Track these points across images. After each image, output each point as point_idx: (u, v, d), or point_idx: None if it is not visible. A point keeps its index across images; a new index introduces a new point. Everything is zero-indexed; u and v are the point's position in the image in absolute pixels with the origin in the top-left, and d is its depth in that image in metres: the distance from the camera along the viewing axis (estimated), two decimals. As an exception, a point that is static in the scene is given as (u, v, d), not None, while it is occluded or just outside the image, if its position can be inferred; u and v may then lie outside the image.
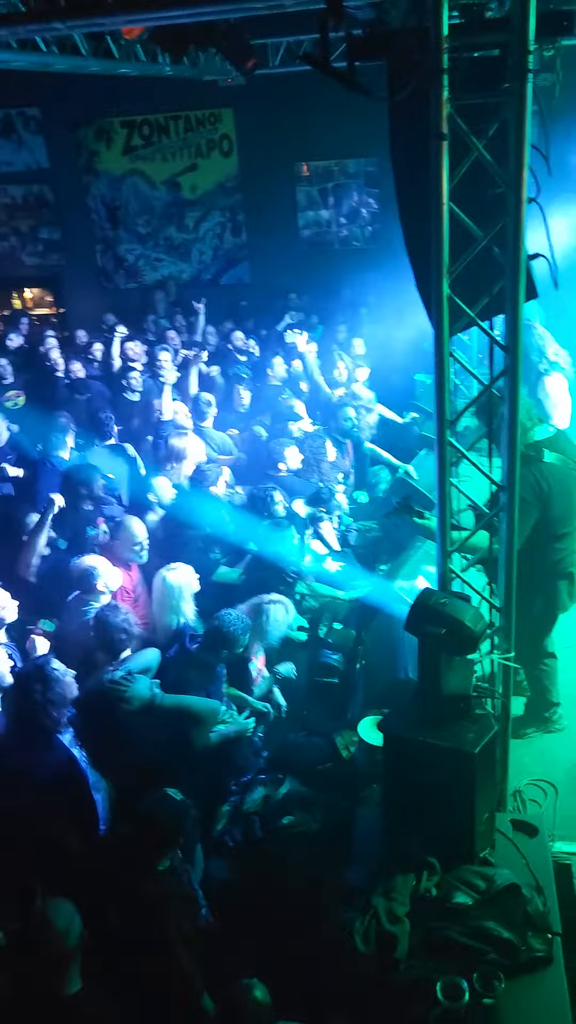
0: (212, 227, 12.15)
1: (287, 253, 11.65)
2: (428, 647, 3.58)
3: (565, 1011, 3.22)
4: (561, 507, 4.43)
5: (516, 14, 3.01)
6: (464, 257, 3.39)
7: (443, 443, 3.68)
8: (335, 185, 11.35)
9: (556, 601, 4.70)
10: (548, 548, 4.47)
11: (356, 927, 3.31)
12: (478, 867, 3.58)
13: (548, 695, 4.99)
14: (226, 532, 5.75)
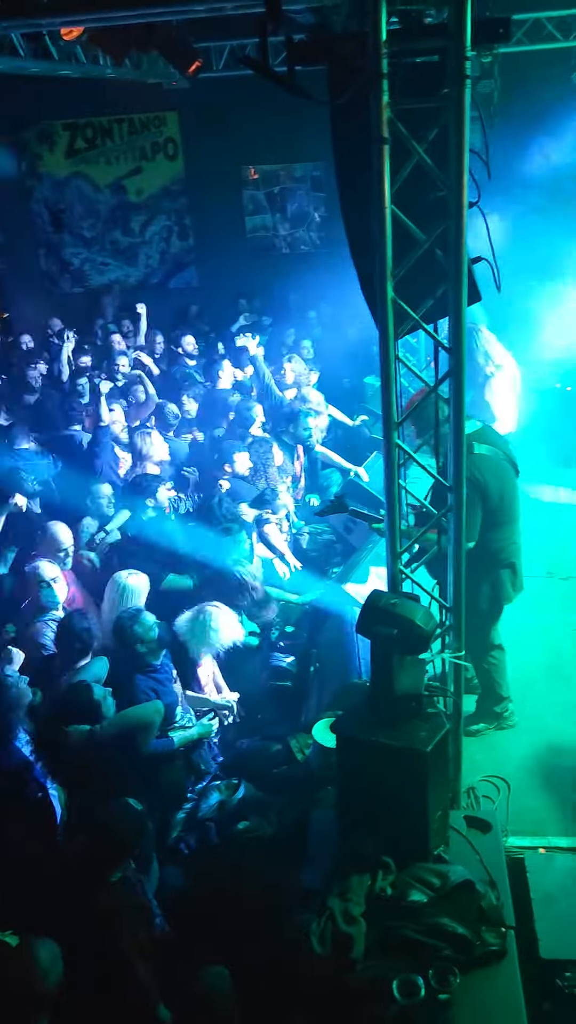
0: (158, 231, 12.09)
1: (235, 257, 11.65)
2: (380, 648, 3.60)
3: (519, 1003, 3.26)
4: (497, 497, 4.50)
5: (453, 20, 3.05)
6: (407, 260, 3.43)
7: (390, 445, 3.71)
8: (281, 189, 11.40)
9: (501, 592, 4.76)
10: (488, 538, 4.53)
11: (312, 929, 3.31)
12: (432, 865, 3.61)
13: (498, 689, 5.04)
14: (173, 542, 5.70)
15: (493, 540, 4.58)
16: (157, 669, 4.48)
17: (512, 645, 5.81)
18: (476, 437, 4.52)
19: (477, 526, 4.41)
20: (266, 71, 3.01)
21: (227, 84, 9.31)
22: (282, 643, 5.39)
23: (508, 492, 4.60)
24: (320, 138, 3.56)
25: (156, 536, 5.58)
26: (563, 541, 7.09)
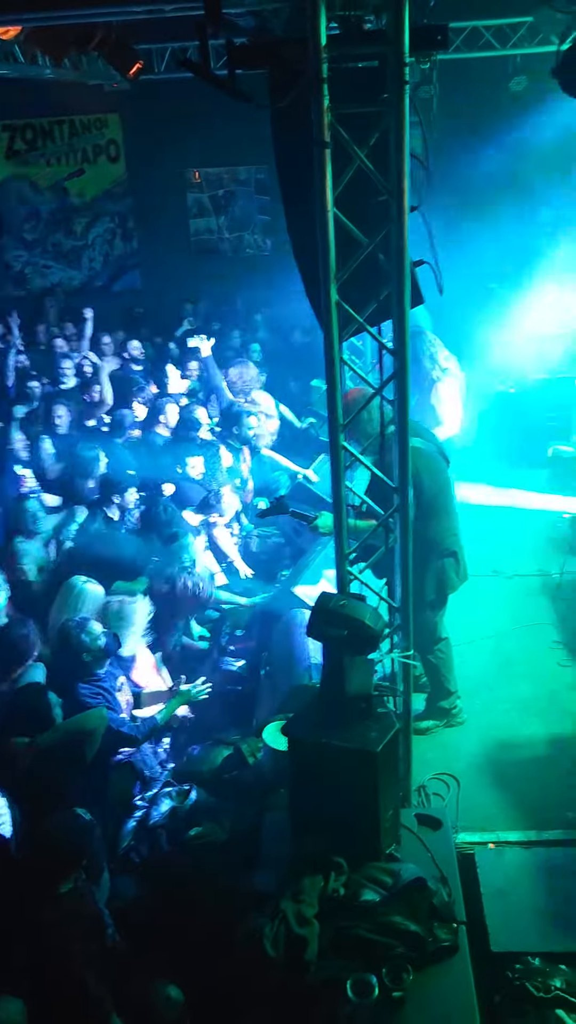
0: (102, 233, 11.97)
1: (180, 260, 11.60)
2: (332, 649, 3.62)
3: (471, 996, 3.30)
4: (431, 488, 4.56)
5: (392, 27, 3.09)
6: (351, 263, 3.45)
7: (336, 447, 3.73)
8: (226, 192, 11.39)
9: (446, 581, 4.81)
10: (427, 529, 4.58)
11: (266, 932, 3.30)
12: (384, 864, 3.63)
13: (445, 683, 5.08)
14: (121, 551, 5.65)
15: (431, 530, 4.64)
16: (101, 677, 4.44)
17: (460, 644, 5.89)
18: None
19: (411, 518, 4.47)
20: (206, 74, 3.01)
21: (169, 86, 9.26)
22: (232, 647, 5.38)
23: (441, 483, 4.68)
24: (264, 141, 3.57)
25: (105, 546, 5.53)
26: (508, 541, 7.22)
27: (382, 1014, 3.17)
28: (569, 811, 4.49)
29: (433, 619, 4.90)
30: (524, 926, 3.80)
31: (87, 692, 4.34)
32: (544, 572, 6.73)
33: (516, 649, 5.87)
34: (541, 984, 3.50)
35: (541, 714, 5.25)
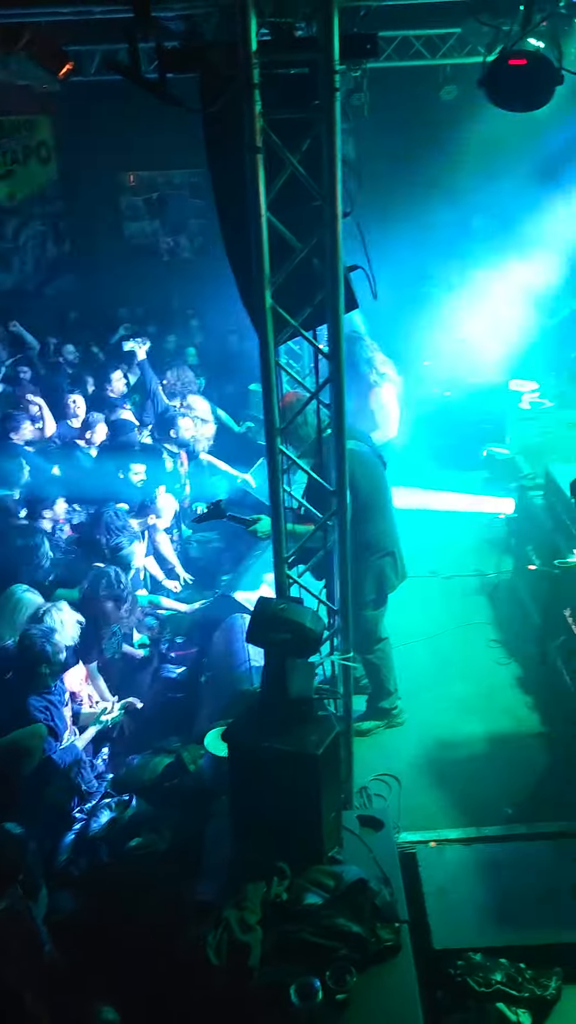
0: (33, 236, 11.75)
1: (114, 263, 11.48)
2: (273, 654, 3.61)
3: (414, 995, 3.33)
4: (367, 489, 4.61)
5: (322, 34, 3.11)
6: (285, 268, 3.46)
7: (273, 451, 3.74)
8: (160, 195, 11.32)
9: (385, 581, 4.86)
10: (363, 530, 4.62)
11: (208, 941, 3.28)
12: (327, 867, 3.64)
13: (386, 683, 5.13)
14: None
15: (368, 531, 4.69)
16: (52, 691, 4.36)
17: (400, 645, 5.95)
18: None
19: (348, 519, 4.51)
20: (136, 77, 2.98)
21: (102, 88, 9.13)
22: (172, 654, 5.34)
23: (377, 484, 4.73)
24: (198, 145, 3.56)
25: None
26: (445, 542, 7.33)
27: (326, 1017, 3.17)
28: (507, 806, 4.58)
29: (373, 619, 4.93)
30: (465, 922, 3.86)
31: (37, 706, 4.26)
32: (481, 572, 6.85)
33: (454, 649, 5.97)
34: (482, 979, 3.55)
35: (479, 712, 5.35)
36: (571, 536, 5.25)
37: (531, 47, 4.28)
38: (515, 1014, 3.48)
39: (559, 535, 5.54)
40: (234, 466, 7.51)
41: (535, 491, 6.23)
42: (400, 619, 6.27)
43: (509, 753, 5.01)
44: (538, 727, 5.21)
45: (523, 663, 5.76)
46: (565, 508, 5.40)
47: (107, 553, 5.38)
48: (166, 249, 11.62)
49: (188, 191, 11.20)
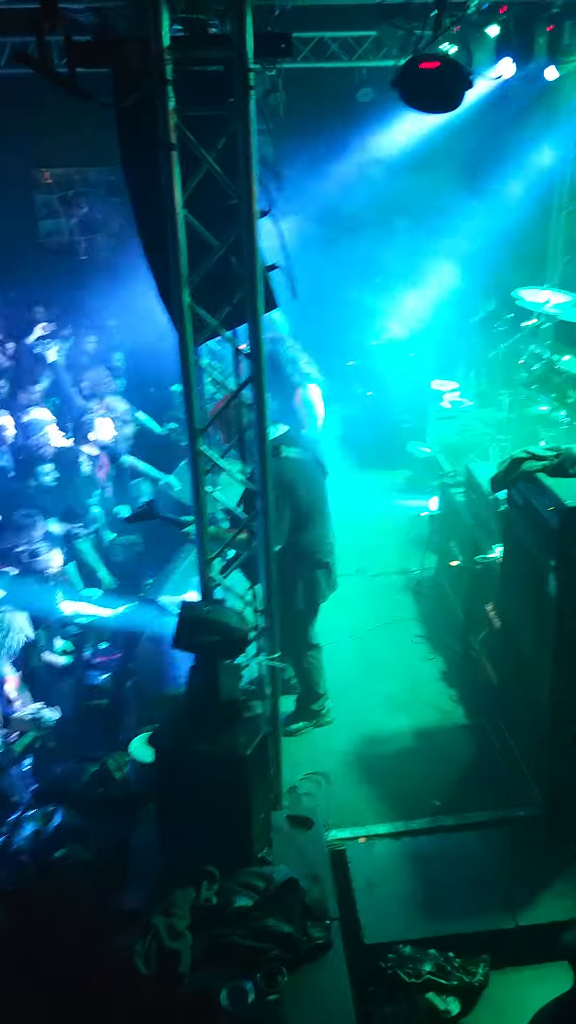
0: None
1: (28, 262, 11.18)
2: (203, 656, 3.57)
3: (346, 990, 3.35)
4: (306, 499, 4.61)
5: (235, 32, 3.10)
6: (203, 267, 3.44)
7: (195, 452, 3.71)
8: (76, 193, 11.09)
9: (316, 592, 4.87)
10: (300, 540, 4.63)
11: (137, 950, 3.23)
12: (257, 868, 3.63)
13: (316, 687, 5.16)
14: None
15: (305, 541, 4.69)
16: None
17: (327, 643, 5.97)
18: (283, 440, 4.62)
19: (286, 528, 4.49)
20: (46, 71, 2.91)
21: (13, 82, 8.93)
22: (96, 660, 5.23)
23: (317, 494, 4.72)
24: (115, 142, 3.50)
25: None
26: (371, 541, 7.40)
27: (259, 1019, 3.16)
28: (435, 799, 4.65)
29: (304, 628, 4.95)
30: (395, 916, 3.90)
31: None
32: (405, 570, 6.94)
33: (381, 646, 6.03)
34: (412, 970, 3.59)
35: (406, 708, 5.41)
36: (491, 532, 5.36)
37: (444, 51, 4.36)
38: (445, 1002, 3.54)
39: (480, 531, 5.65)
40: (157, 468, 7.43)
41: (456, 488, 6.34)
42: (327, 618, 6.29)
43: (436, 746, 5.08)
44: (463, 720, 5.31)
45: (447, 658, 5.86)
46: (485, 505, 5.51)
47: (24, 559, 5.24)
48: (83, 248, 11.38)
49: (105, 189, 11.00)
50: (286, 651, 4.69)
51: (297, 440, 4.73)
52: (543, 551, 4.17)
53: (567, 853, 4.21)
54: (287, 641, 4.61)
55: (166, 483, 7.10)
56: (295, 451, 4.64)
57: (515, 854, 4.23)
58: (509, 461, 4.54)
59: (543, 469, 4.28)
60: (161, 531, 6.44)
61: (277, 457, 4.56)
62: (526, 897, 3.98)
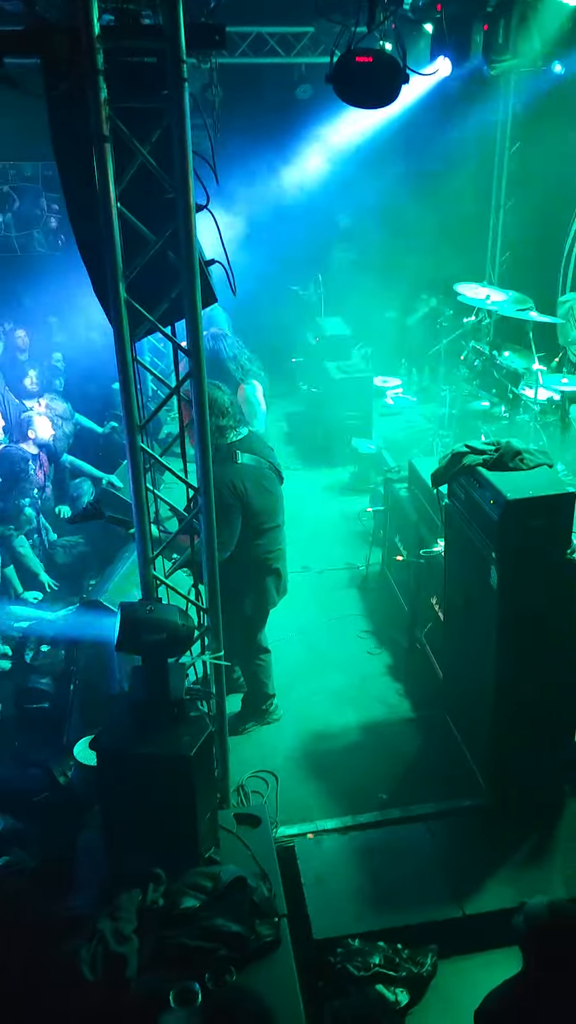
0: None
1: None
2: (150, 656, 3.52)
3: (294, 987, 3.34)
4: (260, 505, 4.58)
5: (167, 23, 3.06)
6: (139, 261, 3.39)
7: (135, 449, 3.65)
8: (11, 187, 10.86)
9: (266, 597, 4.85)
10: (252, 546, 4.61)
11: (83, 955, 3.17)
12: (204, 868, 3.60)
13: (264, 688, 5.16)
14: None
15: (258, 547, 4.66)
16: None
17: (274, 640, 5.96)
18: (240, 446, 4.58)
19: (236, 535, 4.46)
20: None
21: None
22: (37, 663, 5.13)
23: (271, 500, 4.68)
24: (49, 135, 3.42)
25: None
26: (316, 537, 7.42)
27: (207, 1019, 3.13)
28: (382, 792, 4.68)
29: (254, 633, 4.94)
30: (343, 910, 3.92)
31: None
32: (351, 565, 6.97)
33: (328, 641, 6.04)
34: (361, 963, 3.61)
35: (353, 702, 5.44)
36: (435, 526, 5.41)
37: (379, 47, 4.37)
38: (393, 994, 3.56)
39: (423, 526, 5.70)
40: (98, 468, 7.33)
41: (400, 484, 6.39)
42: (274, 614, 6.27)
43: (382, 740, 5.11)
44: (409, 713, 5.35)
45: (393, 652, 5.90)
46: (428, 499, 5.56)
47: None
48: (18, 244, 11.15)
49: (41, 183, 10.81)
50: (235, 655, 4.66)
51: (254, 446, 4.69)
52: (485, 544, 4.22)
53: (511, 841, 4.28)
54: (237, 645, 4.58)
55: (109, 482, 7.00)
56: (251, 457, 4.60)
57: (461, 844, 4.29)
58: (450, 456, 4.58)
59: (484, 463, 4.34)
60: (104, 531, 6.36)
61: (234, 463, 4.53)
62: (472, 886, 4.03)
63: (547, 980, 2.72)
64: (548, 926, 2.71)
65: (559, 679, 4.31)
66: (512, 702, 4.29)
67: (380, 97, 4.03)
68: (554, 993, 2.71)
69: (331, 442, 8.78)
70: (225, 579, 3.96)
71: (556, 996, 2.70)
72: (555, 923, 2.72)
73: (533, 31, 6.15)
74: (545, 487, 4.10)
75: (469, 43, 6.33)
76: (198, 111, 3.43)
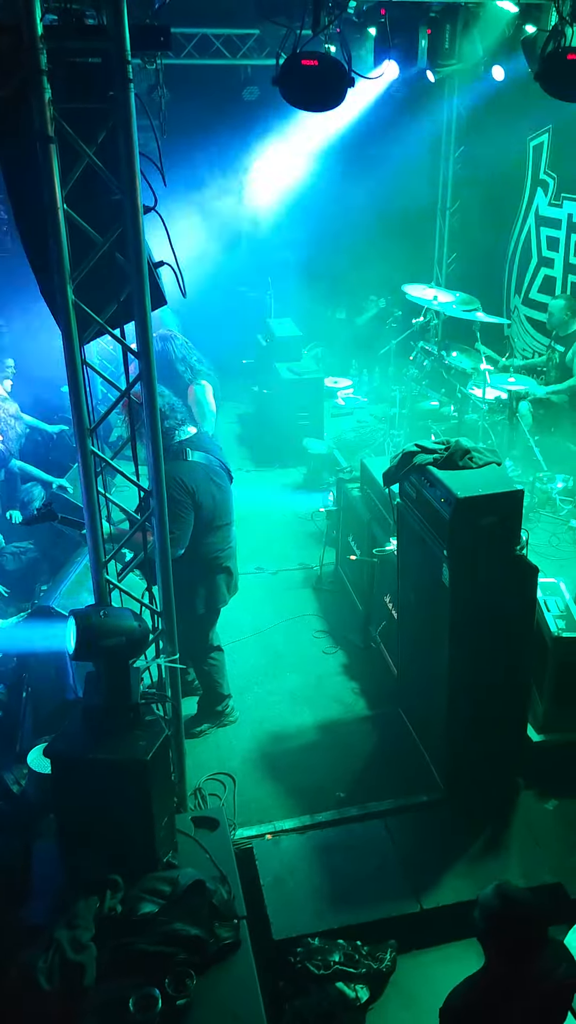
0: None
1: None
2: (106, 661, 3.49)
3: (255, 988, 3.34)
4: (211, 502, 4.58)
5: (111, 23, 3.05)
6: (87, 263, 3.36)
7: (85, 452, 3.62)
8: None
9: (217, 596, 4.85)
10: (202, 544, 4.60)
11: (39, 966, 3.13)
12: (162, 873, 3.58)
13: (219, 688, 5.14)
14: None
15: (208, 545, 4.65)
16: None
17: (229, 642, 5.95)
18: (190, 444, 4.57)
19: (188, 533, 4.45)
20: None
21: None
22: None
23: (222, 498, 4.68)
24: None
25: None
26: (270, 538, 7.43)
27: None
28: (339, 791, 4.70)
29: (205, 632, 4.92)
30: (303, 909, 3.93)
31: None
32: (305, 565, 6.99)
33: (283, 642, 6.05)
34: (321, 961, 3.63)
35: (309, 702, 5.45)
36: (387, 525, 5.46)
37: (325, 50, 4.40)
38: (354, 990, 3.58)
39: (376, 525, 5.75)
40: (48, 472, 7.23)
41: (352, 484, 6.43)
42: (229, 616, 6.27)
43: (339, 739, 5.14)
44: (365, 711, 5.38)
45: (349, 651, 5.93)
46: (380, 499, 5.61)
47: None
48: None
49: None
50: (187, 654, 4.64)
51: (203, 443, 4.68)
52: (436, 541, 4.27)
53: (468, 835, 4.34)
54: (188, 645, 4.57)
55: (60, 486, 6.92)
56: (202, 455, 4.59)
57: (418, 839, 4.33)
58: (401, 455, 4.63)
59: (434, 462, 4.39)
60: (54, 537, 6.28)
61: (183, 460, 4.52)
62: (430, 880, 4.08)
63: (509, 975, 2.71)
64: (501, 914, 2.72)
65: (511, 674, 4.38)
66: (465, 697, 4.35)
67: (325, 100, 4.06)
68: (517, 988, 2.69)
69: (283, 443, 8.80)
70: (177, 577, 3.95)
71: (520, 991, 2.69)
72: (507, 910, 2.72)
73: (475, 36, 6.26)
74: (494, 485, 4.17)
75: (413, 47, 6.41)
76: (144, 112, 3.41)
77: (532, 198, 9.18)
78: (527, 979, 2.69)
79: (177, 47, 7.89)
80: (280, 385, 8.97)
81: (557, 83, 4.68)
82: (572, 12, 4.53)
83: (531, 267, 9.32)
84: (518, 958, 2.69)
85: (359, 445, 9.05)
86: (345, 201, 10.09)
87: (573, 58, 4.55)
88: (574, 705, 4.71)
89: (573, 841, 4.31)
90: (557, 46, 4.62)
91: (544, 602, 4.74)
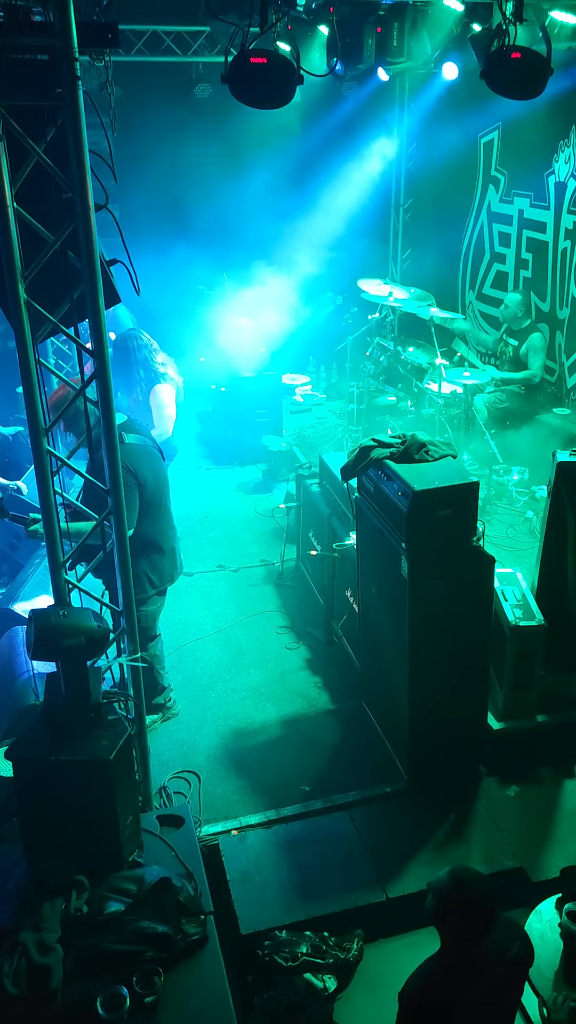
0: None
1: None
2: (67, 661, 3.47)
3: (223, 983, 3.35)
4: (152, 483, 4.58)
5: (58, 20, 3.02)
6: (38, 261, 3.34)
7: (40, 452, 3.60)
8: None
9: (163, 575, 4.82)
10: (145, 527, 4.60)
11: (4, 970, 3.10)
12: (128, 871, 3.56)
13: (159, 679, 5.10)
14: None
15: (151, 527, 4.65)
16: None
17: (192, 640, 5.96)
18: (124, 428, 4.56)
19: (136, 514, 4.46)
20: None
21: None
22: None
23: (160, 479, 4.71)
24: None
25: None
26: (231, 536, 7.44)
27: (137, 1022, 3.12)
28: (304, 785, 4.73)
29: (148, 616, 4.88)
30: (270, 903, 3.95)
31: None
32: (266, 562, 7.01)
33: (245, 639, 6.07)
34: (289, 953, 3.66)
35: (273, 698, 5.48)
36: (347, 520, 5.50)
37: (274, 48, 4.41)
38: (321, 981, 3.62)
39: (335, 520, 5.79)
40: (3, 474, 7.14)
41: (312, 479, 6.47)
42: (191, 614, 6.30)
43: (303, 733, 5.17)
44: (328, 705, 5.42)
45: (311, 646, 5.97)
46: (339, 494, 5.65)
47: None
48: None
49: None
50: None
51: (136, 427, 4.70)
52: (395, 535, 4.32)
53: (431, 823, 4.40)
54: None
55: (16, 488, 6.84)
56: (137, 437, 4.61)
57: (383, 830, 4.38)
58: (358, 450, 4.67)
59: (391, 456, 4.44)
60: (13, 539, 6.22)
61: (122, 444, 4.50)
62: (395, 870, 4.13)
63: (464, 954, 2.76)
64: (451, 896, 2.77)
65: (470, 663, 4.45)
66: (426, 688, 4.41)
67: (275, 97, 4.07)
68: (473, 967, 2.74)
69: (242, 440, 8.81)
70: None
71: (475, 970, 2.74)
72: (458, 889, 2.77)
73: (424, 34, 6.33)
74: (451, 477, 4.23)
75: (363, 45, 6.46)
76: (94, 109, 3.40)
77: (484, 194, 9.30)
78: (482, 958, 2.75)
79: (127, 44, 7.83)
80: (238, 382, 8.97)
81: (502, 81, 4.76)
82: (515, 12, 4.60)
83: (484, 263, 9.44)
84: (472, 937, 2.75)
85: (318, 441, 9.11)
86: (297, 198, 10.13)
87: (517, 57, 4.62)
88: (532, 692, 4.81)
89: (533, 826, 4.40)
90: (501, 45, 4.69)
91: (502, 592, 4.82)
